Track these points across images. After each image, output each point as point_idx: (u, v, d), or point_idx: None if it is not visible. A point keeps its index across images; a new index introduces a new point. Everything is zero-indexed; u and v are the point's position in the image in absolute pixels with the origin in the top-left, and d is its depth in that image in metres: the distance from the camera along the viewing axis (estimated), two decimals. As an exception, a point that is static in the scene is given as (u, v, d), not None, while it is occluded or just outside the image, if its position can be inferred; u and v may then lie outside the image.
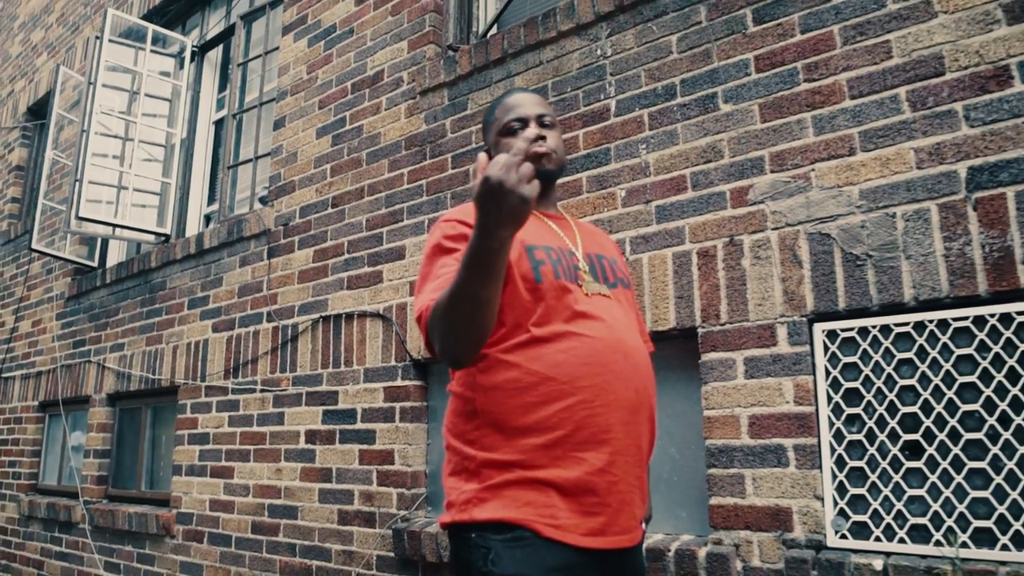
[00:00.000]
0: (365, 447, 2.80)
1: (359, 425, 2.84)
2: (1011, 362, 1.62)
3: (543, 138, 1.47)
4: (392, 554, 2.59)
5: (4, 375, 5.28)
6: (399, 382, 2.74)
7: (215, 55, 4.58)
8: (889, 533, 1.70)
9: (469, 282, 1.14)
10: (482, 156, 1.15)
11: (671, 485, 2.12)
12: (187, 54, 4.43)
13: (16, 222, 5.79)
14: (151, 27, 4.27)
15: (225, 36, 4.43)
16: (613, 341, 1.32)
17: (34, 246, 4.60)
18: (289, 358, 3.18)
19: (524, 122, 1.50)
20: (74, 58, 5.43)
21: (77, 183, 3.98)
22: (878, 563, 1.62)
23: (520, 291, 1.31)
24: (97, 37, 4.16)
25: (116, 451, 4.23)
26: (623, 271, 1.51)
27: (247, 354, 3.38)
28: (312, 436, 2.99)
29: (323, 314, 3.07)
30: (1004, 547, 1.56)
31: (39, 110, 5.97)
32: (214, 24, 4.52)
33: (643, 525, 1.41)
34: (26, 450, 4.86)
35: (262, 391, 3.25)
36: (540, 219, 1.48)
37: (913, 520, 1.68)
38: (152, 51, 4.34)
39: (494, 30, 3.00)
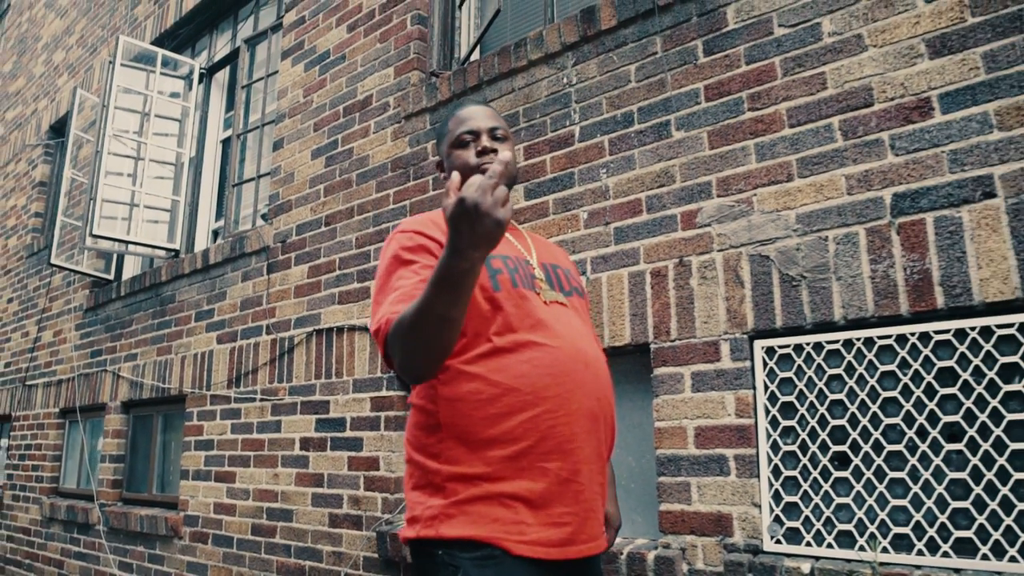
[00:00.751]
0: (353, 454, 2.95)
1: (348, 433, 2.99)
2: (928, 378, 1.72)
3: (494, 151, 1.49)
4: (376, 555, 2.74)
5: (28, 383, 5.53)
6: (384, 392, 2.89)
7: (223, 76, 4.77)
8: (818, 539, 1.81)
9: (438, 302, 1.13)
10: (455, 176, 1.13)
11: (629, 492, 2.25)
12: (195, 76, 4.63)
13: (39, 236, 6.04)
14: (160, 52, 4.47)
15: (232, 58, 4.62)
16: (574, 351, 1.33)
17: (53, 261, 4.83)
18: (286, 369, 3.34)
19: (476, 135, 1.51)
20: (92, 79, 5.67)
21: (92, 202, 4.18)
22: (806, 567, 1.73)
23: (478, 301, 1.31)
24: (110, 62, 4.36)
25: (130, 456, 4.43)
26: (576, 280, 1.56)
27: (248, 365, 3.55)
28: (306, 443, 3.15)
29: (316, 327, 3.23)
30: (919, 552, 1.67)
31: (60, 128, 6.22)
32: (221, 47, 4.72)
33: (608, 532, 1.50)
34: (48, 455, 5.09)
35: (261, 400, 3.42)
36: None
37: (840, 526, 1.79)
38: (162, 73, 4.55)
39: (475, 56, 3.14)
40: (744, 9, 2.14)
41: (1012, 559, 1.55)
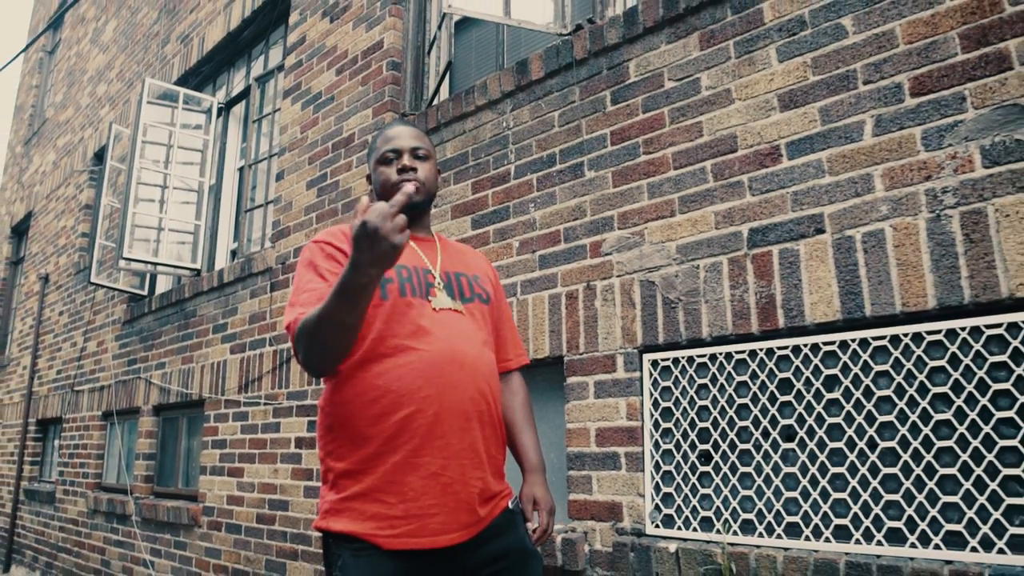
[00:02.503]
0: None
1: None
2: (772, 388, 2.03)
3: (414, 170, 1.61)
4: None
5: (75, 388, 6.11)
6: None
7: (239, 110, 5.24)
8: (687, 523, 2.13)
9: (337, 310, 1.26)
10: (363, 200, 1.24)
11: (552, 485, 2.59)
12: (214, 110, 5.11)
13: (85, 255, 6.63)
14: (182, 90, 4.96)
15: (246, 94, 5.08)
16: (450, 353, 1.46)
17: (93, 280, 5.36)
18: (285, 377, 3.76)
19: (398, 153, 1.62)
20: (129, 111, 6.21)
21: (123, 227, 4.69)
22: (672, 547, 2.05)
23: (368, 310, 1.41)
24: (139, 101, 4.87)
25: (160, 454, 4.93)
26: (482, 287, 1.67)
27: (254, 373, 3.99)
28: (300, 442, 3.57)
29: (310, 340, 3.64)
30: (760, 534, 1.98)
31: (103, 155, 6.81)
32: (237, 83, 5.19)
33: (541, 515, 1.65)
34: (92, 453, 5.64)
35: (265, 404, 3.85)
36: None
37: (703, 513, 2.11)
38: (185, 108, 5.04)
39: (444, 95, 3.51)
40: (642, 64, 2.46)
41: (827, 540, 1.85)
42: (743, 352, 2.09)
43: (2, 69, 7.05)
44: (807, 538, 1.89)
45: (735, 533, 2.02)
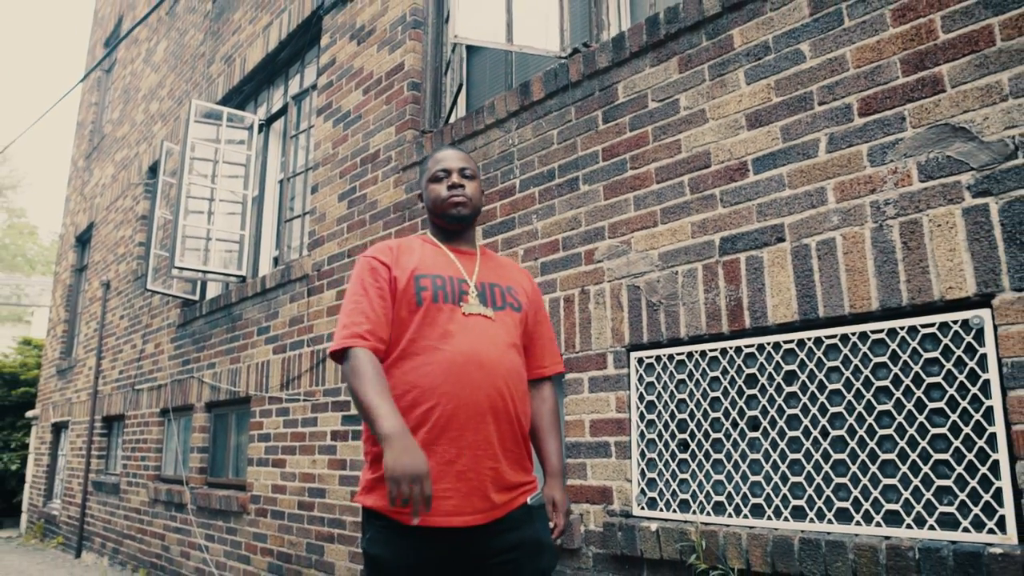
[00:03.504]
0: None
1: (363, 427, 3.68)
2: (740, 382, 2.24)
3: (462, 186, 1.80)
4: (382, 525, 3.43)
5: (136, 387, 6.57)
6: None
7: (279, 125, 5.59)
8: (667, 505, 2.35)
9: (364, 404, 1.52)
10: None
11: (555, 472, 2.83)
12: (255, 127, 5.47)
13: (142, 263, 7.09)
14: (226, 110, 5.33)
15: (284, 111, 5.42)
16: (471, 354, 1.61)
17: (149, 287, 5.78)
18: (321, 375, 4.08)
19: (448, 172, 1.82)
20: (179, 127, 6.64)
21: (175, 238, 5.08)
22: (653, 526, 2.28)
23: (403, 314, 1.65)
24: (187, 121, 5.25)
25: (212, 447, 5.32)
26: (515, 297, 1.81)
27: (294, 371, 4.32)
28: (335, 435, 3.88)
29: (342, 341, 3.95)
30: (729, 515, 2.19)
31: (156, 169, 7.26)
32: (276, 101, 5.54)
33: (555, 516, 1.77)
34: (152, 447, 6.08)
35: (304, 400, 4.18)
36: (444, 253, 1.81)
37: (682, 496, 2.33)
38: (228, 125, 5.41)
39: (461, 113, 3.77)
40: (629, 86, 2.68)
41: (785, 519, 2.06)
42: (715, 350, 2.31)
43: (75, 86, 7.54)
44: (769, 518, 2.10)
45: (708, 514, 2.24)
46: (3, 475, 10.44)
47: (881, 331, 1.95)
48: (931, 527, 1.80)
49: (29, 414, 10.25)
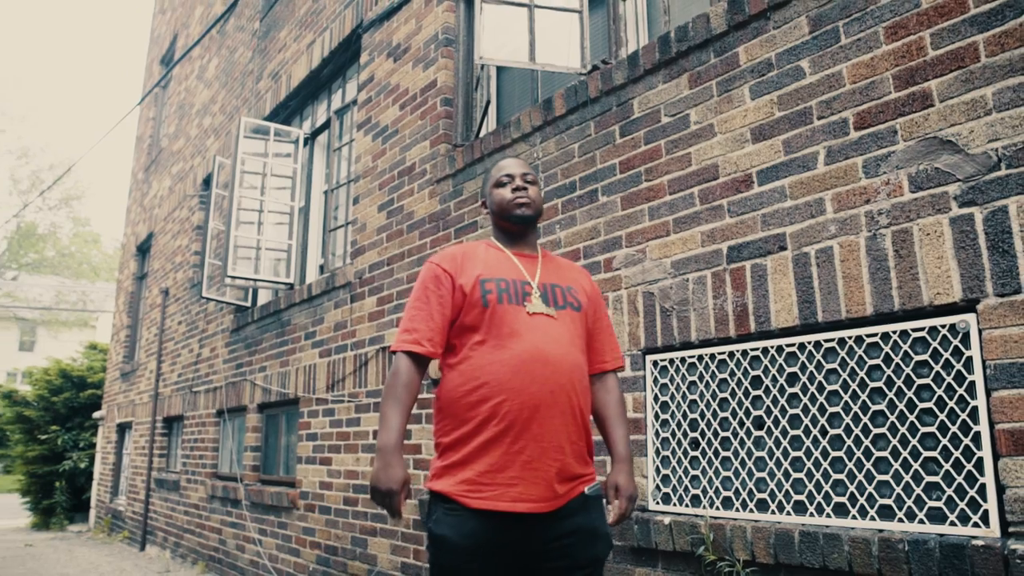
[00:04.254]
0: (406, 443, 3.84)
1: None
2: (746, 384, 2.36)
3: (525, 189, 1.93)
4: (420, 517, 3.62)
5: (194, 390, 6.92)
6: (424, 395, 3.76)
7: (324, 139, 5.85)
8: (680, 501, 2.48)
9: (384, 417, 1.72)
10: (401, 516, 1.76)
11: (578, 469, 2.98)
12: (300, 141, 5.74)
13: (198, 271, 7.46)
14: (272, 125, 5.61)
15: (328, 125, 5.68)
16: (536, 351, 1.72)
17: (204, 294, 6.11)
18: (363, 377, 4.30)
19: (512, 178, 1.95)
20: (231, 141, 6.97)
21: (227, 249, 5.37)
22: (667, 520, 2.42)
23: (470, 315, 1.77)
24: (236, 137, 5.55)
25: (264, 446, 5.60)
26: (575, 297, 1.90)
27: (339, 374, 4.55)
28: (376, 435, 4.09)
29: (382, 345, 4.16)
30: (736, 509, 2.31)
31: (210, 181, 7.62)
32: (320, 115, 5.80)
33: (620, 500, 1.83)
34: (209, 446, 6.41)
35: (348, 401, 4.40)
36: (508, 257, 1.92)
37: (693, 492, 2.46)
38: (275, 139, 5.69)
39: (492, 126, 3.95)
40: (643, 102, 2.82)
41: (787, 513, 2.18)
42: (723, 353, 2.43)
43: (136, 105, 8.00)
44: (772, 512, 2.22)
45: (717, 508, 2.37)
46: (73, 473, 11.01)
47: (875, 335, 2.06)
48: (920, 521, 1.90)
49: (96, 415, 10.80)
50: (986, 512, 1.79)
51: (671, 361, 2.59)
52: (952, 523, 1.85)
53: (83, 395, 11.60)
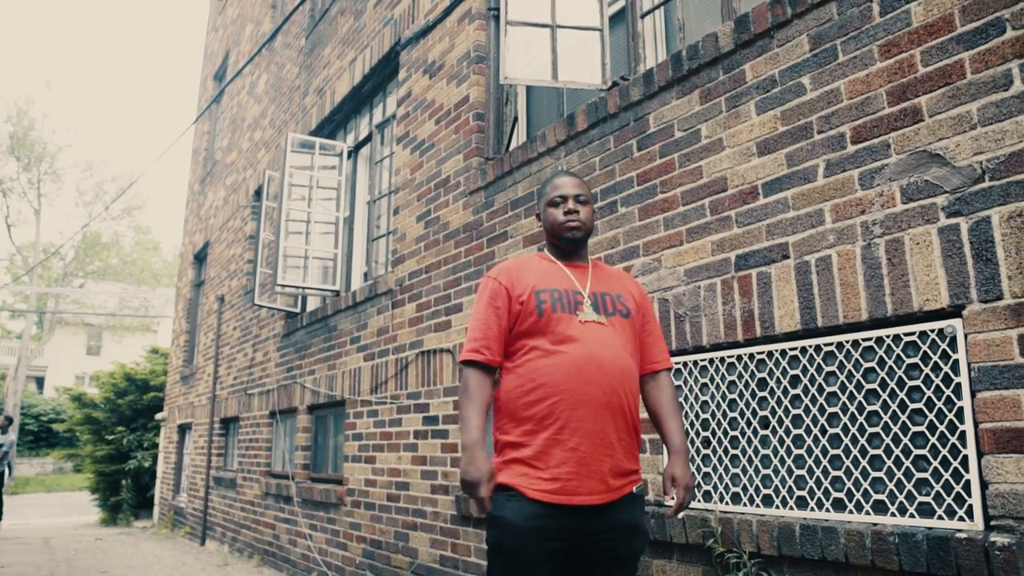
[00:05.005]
0: (444, 441, 4.05)
1: (440, 426, 4.10)
2: (752, 386, 2.49)
3: (577, 212, 2.06)
4: (456, 513, 3.82)
5: (248, 392, 7.27)
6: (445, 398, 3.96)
7: (366, 151, 6.11)
8: (693, 496, 2.62)
9: (463, 422, 1.90)
10: (485, 504, 1.85)
11: (602, 467, 3.14)
12: (344, 154, 6.00)
13: (251, 278, 7.81)
14: (318, 140, 5.89)
15: (370, 138, 5.93)
16: (589, 356, 1.87)
17: (256, 302, 6.43)
18: (404, 380, 4.52)
19: (565, 199, 2.07)
20: (279, 155, 7.29)
21: (277, 258, 5.67)
22: (681, 514, 2.56)
23: (527, 323, 1.92)
24: (284, 151, 5.84)
25: (314, 446, 5.88)
26: (624, 304, 2.04)
27: (381, 377, 4.78)
28: (417, 434, 4.30)
29: (421, 350, 4.38)
30: (744, 504, 2.44)
31: (260, 193, 7.97)
32: (363, 129, 6.06)
33: (678, 490, 1.95)
34: (263, 446, 6.74)
35: (390, 403, 4.63)
36: (560, 268, 2.06)
37: (705, 488, 2.59)
38: (321, 153, 5.97)
39: (522, 140, 4.13)
40: (658, 117, 2.96)
41: (790, 508, 2.30)
42: (732, 356, 2.56)
43: (193, 123, 8.40)
44: (776, 507, 2.35)
45: (727, 503, 2.50)
46: (138, 471, 11.56)
47: (871, 339, 2.17)
48: (911, 515, 2.01)
49: (158, 416, 11.33)
50: (971, 507, 1.90)
51: (684, 364, 2.73)
52: (940, 517, 1.96)
53: (146, 397, 12.17)
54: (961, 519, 1.91)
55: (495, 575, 1.89)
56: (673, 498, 1.98)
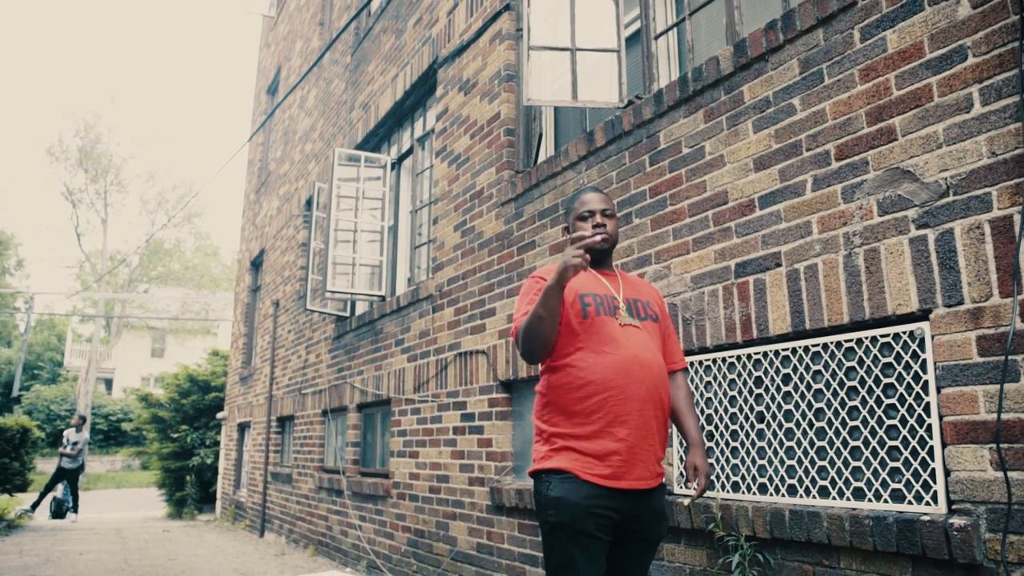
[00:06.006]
0: (479, 436, 4.34)
1: (476, 423, 4.39)
2: (750, 383, 2.71)
3: (604, 226, 2.22)
4: (491, 503, 4.10)
5: (302, 392, 7.69)
6: (495, 395, 4.24)
7: (409, 163, 6.44)
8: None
9: (539, 306, 1.95)
10: (571, 245, 1.92)
11: (620, 459, 3.38)
12: (388, 166, 6.35)
13: (304, 284, 8.23)
14: (363, 153, 6.25)
15: (412, 151, 6.26)
16: (632, 356, 2.03)
17: (308, 307, 6.82)
18: (444, 380, 4.83)
19: (592, 213, 2.23)
20: (328, 167, 7.69)
21: (326, 266, 6.04)
22: (686, 502, 2.79)
23: (573, 324, 2.06)
24: (332, 164, 6.21)
25: (363, 442, 6.24)
26: (652, 310, 2.22)
27: (423, 377, 5.10)
28: (455, 430, 4.60)
29: (459, 351, 4.68)
30: (742, 492, 2.67)
31: (311, 203, 8.39)
32: (405, 142, 6.40)
33: (699, 479, 2.11)
34: (316, 443, 7.14)
35: (431, 401, 4.94)
36: (596, 277, 2.22)
37: (710, 477, 2.82)
38: (366, 165, 6.32)
39: (551, 153, 4.39)
40: (668, 135, 3.19)
41: (782, 495, 2.52)
42: (732, 357, 2.78)
43: (250, 138, 8.90)
44: (770, 494, 2.56)
45: (728, 491, 2.73)
46: (201, 468, 12.19)
47: (852, 340, 2.38)
48: (885, 500, 2.22)
49: (219, 415, 11.92)
50: (936, 493, 2.09)
51: (691, 364, 2.95)
52: (910, 502, 2.16)
53: (208, 397, 12.80)
54: (928, 504, 2.11)
55: (555, 554, 2.00)
56: (695, 486, 2.18)
